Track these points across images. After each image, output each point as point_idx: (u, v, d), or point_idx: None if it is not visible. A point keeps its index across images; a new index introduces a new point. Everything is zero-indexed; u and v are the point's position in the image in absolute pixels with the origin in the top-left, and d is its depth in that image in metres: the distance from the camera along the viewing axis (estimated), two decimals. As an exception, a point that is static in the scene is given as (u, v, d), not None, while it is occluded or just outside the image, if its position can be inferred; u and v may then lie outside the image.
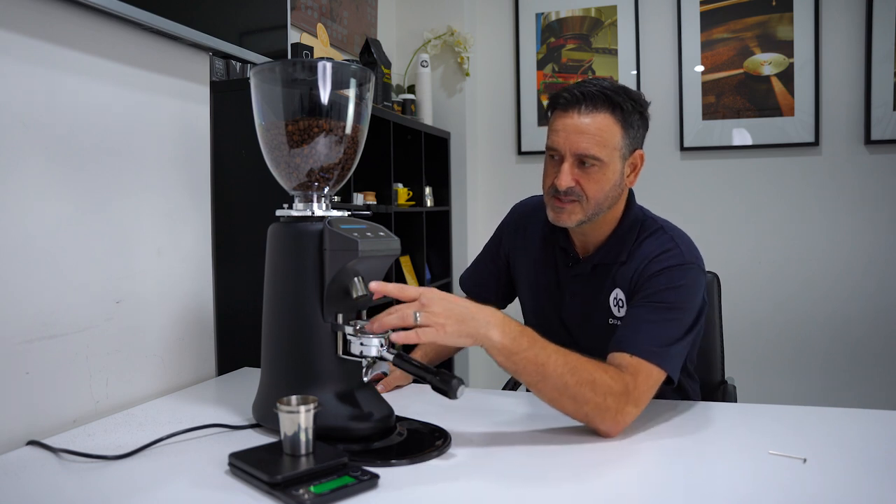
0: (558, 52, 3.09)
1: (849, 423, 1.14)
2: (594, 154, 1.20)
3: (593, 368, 1.06)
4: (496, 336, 1.01)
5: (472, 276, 1.57)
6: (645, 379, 1.10)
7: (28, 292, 1.10)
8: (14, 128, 1.08)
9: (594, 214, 1.25)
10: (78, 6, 1.18)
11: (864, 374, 2.75)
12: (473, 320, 1.00)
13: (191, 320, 1.50)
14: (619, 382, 1.07)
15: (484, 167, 3.23)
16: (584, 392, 1.03)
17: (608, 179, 1.23)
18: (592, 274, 1.32)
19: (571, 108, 1.22)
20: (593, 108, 1.21)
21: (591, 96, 1.20)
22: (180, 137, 1.48)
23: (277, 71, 1.09)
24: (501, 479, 0.93)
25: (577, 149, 1.20)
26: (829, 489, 0.86)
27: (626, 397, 1.06)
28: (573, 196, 1.23)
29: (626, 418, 1.07)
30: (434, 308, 0.98)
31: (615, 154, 1.22)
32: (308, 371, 1.04)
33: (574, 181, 1.21)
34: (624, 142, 1.23)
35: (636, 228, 1.30)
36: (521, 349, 1.02)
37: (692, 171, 2.92)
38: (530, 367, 1.02)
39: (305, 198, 1.09)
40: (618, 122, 1.22)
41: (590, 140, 1.20)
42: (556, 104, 1.25)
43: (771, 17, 2.80)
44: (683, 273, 1.21)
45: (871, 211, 2.73)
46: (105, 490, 0.87)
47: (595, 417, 1.05)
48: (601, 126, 1.20)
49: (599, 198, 1.23)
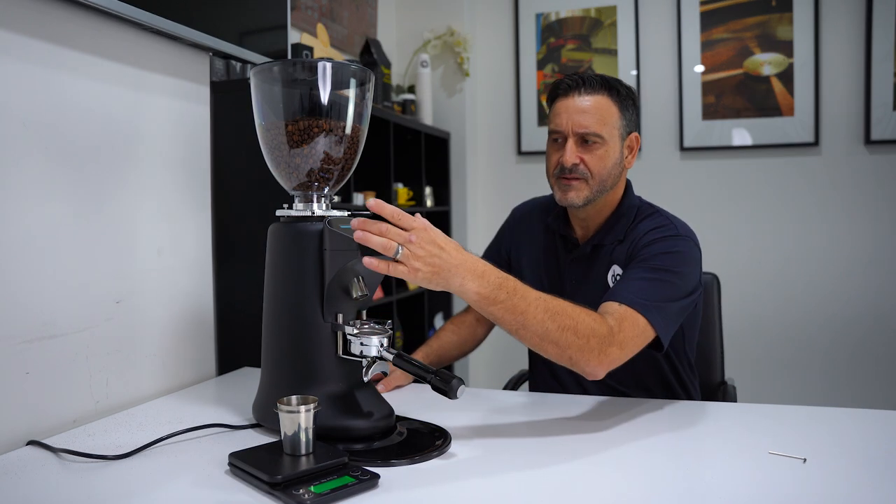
0: (558, 52, 3.09)
1: (849, 423, 1.14)
2: (596, 131, 1.28)
3: (576, 313, 1.06)
4: (472, 288, 0.99)
5: None
6: (631, 325, 1.12)
7: (28, 292, 1.10)
8: (14, 128, 1.08)
9: (599, 192, 1.32)
10: (78, 6, 1.18)
11: (864, 374, 2.75)
12: (449, 272, 0.97)
13: (191, 320, 1.50)
14: (603, 325, 1.08)
15: (484, 167, 3.23)
16: (566, 336, 1.04)
17: (610, 156, 1.31)
18: (591, 256, 1.37)
19: (571, 91, 1.31)
20: (592, 90, 1.30)
21: (589, 80, 1.31)
22: (180, 137, 1.48)
23: (277, 71, 1.09)
24: (501, 478, 0.93)
25: (580, 127, 1.29)
26: (829, 489, 0.86)
27: (610, 338, 1.08)
28: (578, 174, 1.30)
29: (611, 359, 1.08)
30: (417, 251, 0.95)
31: (614, 133, 1.31)
32: (308, 371, 1.04)
33: (578, 158, 1.29)
34: (621, 122, 1.32)
35: (633, 211, 1.37)
36: (500, 300, 1.01)
37: (692, 171, 2.92)
38: (509, 316, 1.02)
39: (305, 198, 1.09)
40: (615, 104, 1.31)
41: (591, 118, 1.29)
42: (556, 92, 1.34)
43: (771, 17, 2.80)
44: (676, 242, 1.28)
45: (871, 211, 2.73)
46: (105, 490, 0.87)
47: (579, 360, 1.06)
48: (600, 106, 1.30)
49: (603, 174, 1.31)
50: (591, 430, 1.10)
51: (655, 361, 1.36)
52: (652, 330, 1.15)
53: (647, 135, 2.97)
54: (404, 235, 0.95)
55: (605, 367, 1.09)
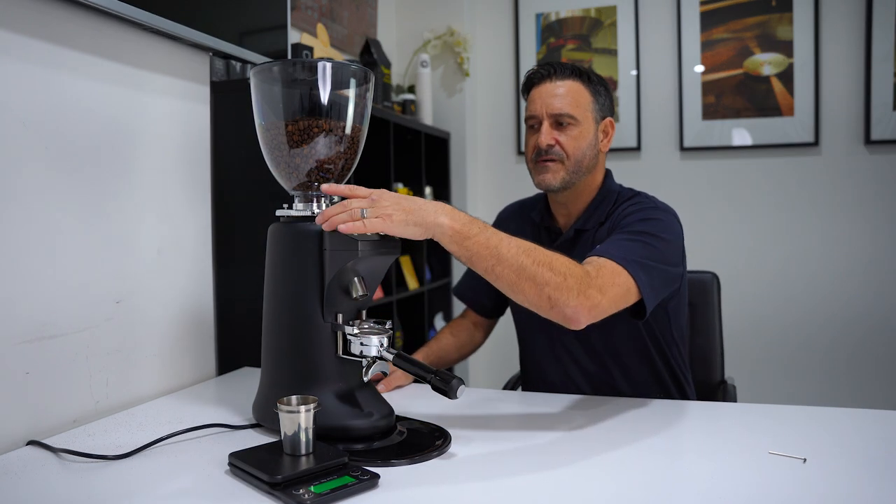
0: (558, 52, 3.09)
1: (849, 423, 1.14)
2: (569, 112, 1.33)
3: (551, 253, 1.06)
4: (446, 222, 0.99)
5: (466, 282, 1.60)
6: (610, 273, 1.10)
7: (28, 292, 1.10)
8: (14, 128, 1.08)
9: (575, 174, 1.35)
10: (78, 6, 1.18)
11: (865, 374, 2.74)
12: (421, 210, 0.98)
13: (191, 320, 1.50)
14: (580, 268, 1.07)
15: (484, 167, 3.23)
16: (542, 272, 1.02)
17: (584, 137, 1.34)
18: (575, 240, 1.39)
19: (544, 79, 1.36)
20: (563, 76, 1.36)
21: (560, 67, 1.36)
22: (180, 137, 1.48)
23: (277, 71, 1.09)
24: (501, 479, 0.92)
25: (553, 109, 1.33)
26: (829, 489, 0.86)
27: (588, 280, 1.06)
28: (554, 155, 1.34)
29: (592, 302, 1.04)
30: (382, 203, 0.97)
31: (588, 115, 1.35)
32: (308, 371, 1.04)
33: (553, 140, 1.33)
34: (594, 105, 1.37)
35: (613, 196, 1.40)
36: (473, 234, 1.01)
37: (692, 171, 2.92)
38: (483, 251, 1.01)
39: (305, 198, 1.09)
40: (586, 88, 1.36)
41: (563, 100, 1.34)
42: (531, 81, 1.39)
43: (771, 17, 2.80)
44: (657, 213, 1.30)
45: (871, 211, 2.73)
46: (105, 490, 0.87)
47: (558, 299, 1.02)
48: (572, 89, 1.35)
49: (578, 154, 1.34)
50: (590, 430, 1.10)
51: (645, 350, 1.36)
52: (634, 285, 1.13)
53: (648, 135, 2.97)
54: (364, 201, 0.98)
55: (587, 310, 1.04)
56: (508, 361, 2.76)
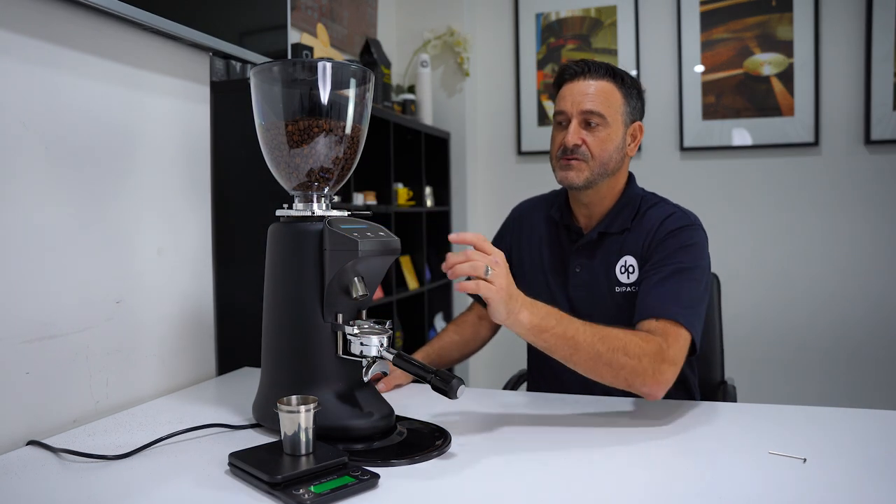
0: (558, 52, 3.09)
1: (849, 423, 1.14)
2: (598, 111, 1.31)
3: (623, 335, 1.11)
4: (526, 318, 1.05)
5: None
6: (675, 339, 1.16)
7: (28, 292, 1.10)
8: (14, 128, 1.08)
9: (600, 175, 1.33)
10: (78, 6, 1.18)
11: (865, 374, 2.74)
12: (514, 299, 1.04)
13: (191, 320, 1.50)
14: (652, 343, 1.12)
15: (484, 167, 3.23)
16: (618, 357, 1.08)
17: (611, 139, 1.33)
18: (599, 243, 1.38)
19: (577, 76, 1.34)
20: (597, 75, 1.33)
21: (595, 66, 1.34)
22: (180, 137, 1.48)
23: (277, 71, 1.09)
24: (501, 478, 0.93)
25: (583, 107, 1.31)
26: (829, 489, 0.86)
27: (661, 356, 1.11)
28: (579, 155, 1.32)
29: (665, 377, 1.12)
30: (499, 270, 1.02)
31: (617, 117, 1.33)
32: (308, 371, 1.04)
33: (580, 140, 1.31)
34: (625, 108, 1.35)
35: (637, 201, 1.39)
36: (550, 327, 1.07)
37: (692, 171, 2.92)
38: (560, 342, 1.07)
39: (305, 198, 1.09)
40: (619, 90, 1.34)
41: (594, 99, 1.31)
42: (563, 77, 1.37)
43: (771, 17, 2.80)
44: (692, 233, 1.31)
45: (871, 211, 2.73)
46: (105, 490, 0.87)
47: (634, 381, 1.10)
48: (604, 89, 1.32)
49: (604, 157, 1.32)
50: (590, 429, 1.10)
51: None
52: (689, 335, 1.19)
53: (648, 135, 2.97)
54: (489, 258, 1.02)
55: (662, 386, 1.12)
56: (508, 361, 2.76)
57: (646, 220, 1.35)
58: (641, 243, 1.33)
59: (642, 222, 1.35)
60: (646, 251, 1.32)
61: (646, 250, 1.32)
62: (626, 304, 1.32)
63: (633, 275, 1.33)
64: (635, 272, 1.33)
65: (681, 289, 1.22)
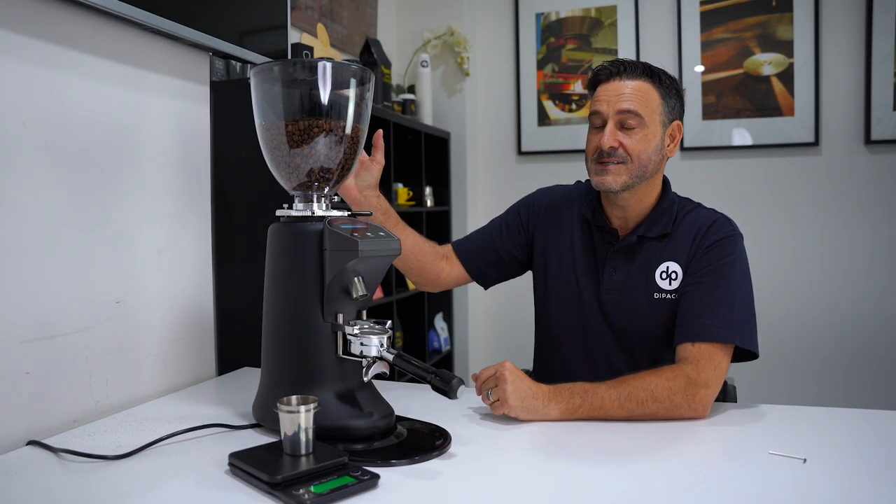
0: (558, 52, 3.09)
1: (849, 423, 1.14)
2: (636, 110, 1.27)
3: (647, 383, 1.13)
4: (555, 412, 1.13)
5: (472, 244, 1.50)
6: (707, 361, 1.17)
7: (28, 292, 1.10)
8: (14, 128, 1.08)
9: (638, 178, 1.29)
10: (78, 6, 1.18)
11: (865, 374, 2.74)
12: (534, 399, 1.12)
13: (191, 320, 1.50)
14: (678, 379, 1.14)
15: (484, 167, 3.23)
16: (650, 407, 1.13)
17: (650, 140, 1.28)
18: (637, 247, 1.34)
19: (613, 77, 1.30)
20: (633, 75, 1.29)
21: (632, 65, 1.30)
22: (180, 137, 1.48)
23: (277, 71, 1.09)
24: (501, 478, 0.93)
25: (619, 107, 1.27)
26: (829, 489, 0.86)
27: (693, 386, 1.14)
28: (617, 157, 1.27)
29: (702, 401, 1.14)
30: (504, 387, 1.11)
31: (655, 117, 1.29)
32: (308, 371, 1.04)
33: (617, 142, 1.27)
34: (663, 108, 1.30)
35: (675, 206, 1.36)
36: (578, 407, 1.13)
37: (692, 171, 2.92)
38: (591, 415, 1.13)
39: (305, 198, 1.09)
40: (656, 90, 1.30)
41: (630, 99, 1.27)
42: (598, 77, 1.33)
43: (771, 17, 2.80)
44: (735, 243, 1.30)
45: (871, 211, 2.73)
46: (105, 490, 0.87)
47: (672, 416, 1.13)
48: (641, 89, 1.28)
49: (643, 158, 1.28)
50: (590, 429, 1.10)
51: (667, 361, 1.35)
52: (729, 347, 1.20)
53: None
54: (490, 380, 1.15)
55: (701, 409, 1.14)
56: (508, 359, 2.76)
57: (686, 225, 1.32)
58: (686, 250, 1.30)
59: (683, 228, 1.32)
60: (690, 258, 1.30)
61: (690, 258, 1.30)
62: (663, 310, 1.30)
63: (675, 281, 1.30)
64: (678, 279, 1.30)
65: (720, 305, 1.22)
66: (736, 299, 1.23)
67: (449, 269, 1.49)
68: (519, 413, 1.12)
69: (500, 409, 1.12)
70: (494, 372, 1.14)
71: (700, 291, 1.25)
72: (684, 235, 1.32)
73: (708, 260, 1.28)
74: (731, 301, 1.23)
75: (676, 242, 1.32)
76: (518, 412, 1.11)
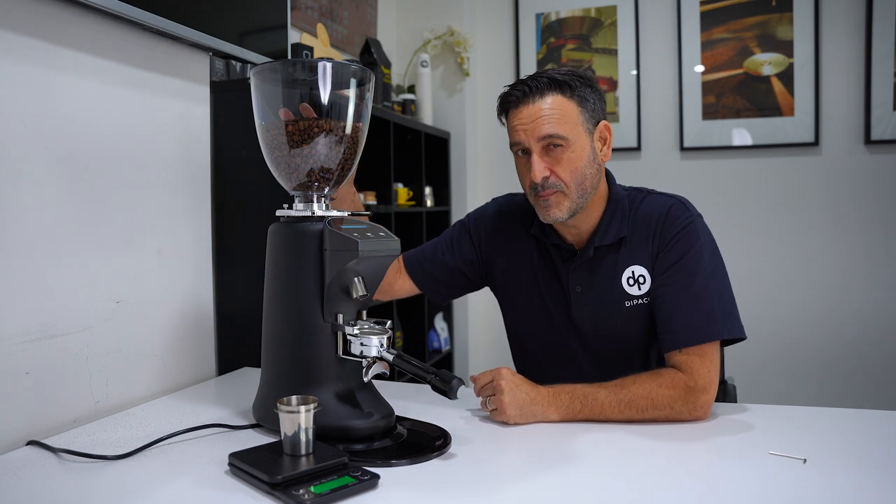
0: (558, 52, 3.09)
1: (849, 423, 1.14)
2: (557, 132, 1.19)
3: (646, 390, 1.13)
4: (555, 415, 1.13)
5: (423, 260, 1.45)
6: (699, 366, 1.16)
7: (28, 292, 1.10)
8: (14, 128, 1.08)
9: (581, 199, 1.23)
10: (78, 6, 1.18)
11: (864, 374, 2.74)
12: (532, 406, 1.12)
13: (191, 320, 1.50)
14: (677, 387, 1.13)
15: (484, 167, 3.23)
16: (651, 414, 1.13)
17: (580, 158, 1.21)
18: (596, 260, 1.29)
19: (522, 101, 1.21)
20: (541, 94, 1.20)
21: (536, 85, 1.20)
22: (180, 137, 1.48)
23: (278, 71, 1.09)
24: (501, 479, 0.93)
25: (539, 133, 1.19)
26: (829, 489, 0.86)
27: (692, 393, 1.14)
28: (553, 188, 1.21)
29: (705, 406, 1.14)
30: (501, 397, 1.12)
31: (578, 130, 1.21)
32: (308, 371, 1.04)
33: (547, 170, 1.20)
34: (583, 117, 1.22)
35: (624, 202, 1.29)
36: (578, 411, 1.13)
37: (692, 171, 2.92)
38: (592, 418, 1.13)
39: (305, 198, 1.09)
40: (570, 100, 1.21)
41: (548, 121, 1.19)
42: (506, 105, 1.25)
43: (771, 17, 2.80)
44: (696, 230, 1.24)
45: (871, 211, 2.73)
46: (105, 490, 0.87)
47: (675, 420, 1.13)
48: (555, 106, 1.19)
49: (578, 179, 1.21)
50: (590, 429, 1.10)
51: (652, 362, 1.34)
52: (716, 342, 1.19)
53: (648, 135, 2.97)
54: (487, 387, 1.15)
55: (702, 413, 1.14)
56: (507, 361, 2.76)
57: (641, 221, 1.27)
58: (648, 249, 1.25)
59: (638, 225, 1.27)
60: (654, 257, 1.25)
61: (654, 256, 1.25)
62: (637, 316, 1.26)
63: (644, 285, 1.25)
64: (646, 282, 1.25)
65: (696, 303, 1.19)
66: (712, 290, 1.20)
67: (401, 283, 1.45)
68: (518, 420, 1.12)
69: (499, 417, 1.12)
70: (491, 380, 1.14)
71: (674, 292, 1.21)
72: (642, 233, 1.26)
73: (673, 255, 1.23)
74: (708, 294, 1.19)
75: (635, 243, 1.26)
76: (517, 420, 1.12)
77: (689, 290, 1.21)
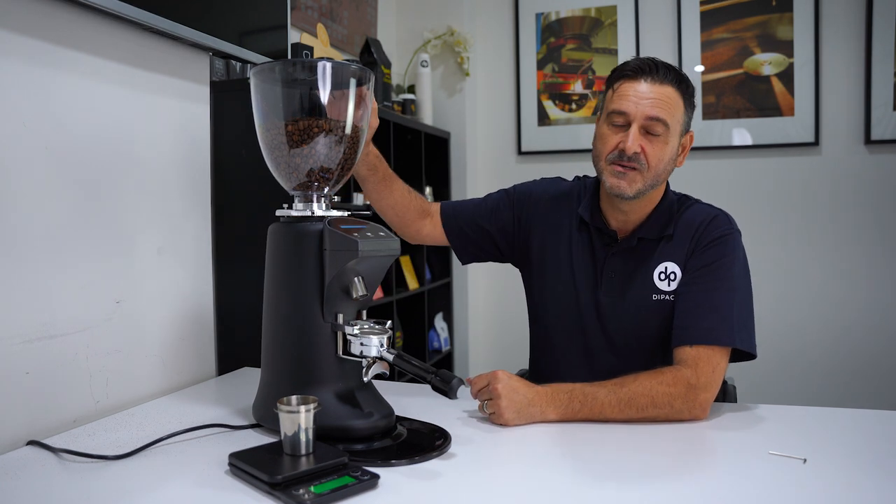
0: (558, 52, 3.09)
1: (849, 423, 1.14)
2: (664, 118, 1.22)
3: (646, 388, 1.12)
4: (553, 415, 1.13)
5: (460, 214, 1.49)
6: (706, 364, 1.16)
7: (28, 292, 1.10)
8: (14, 128, 1.08)
9: (651, 186, 1.26)
10: (78, 6, 1.18)
11: (864, 375, 2.74)
12: (530, 407, 1.12)
13: (191, 320, 1.50)
14: (678, 384, 1.13)
15: (484, 167, 3.23)
16: (650, 412, 1.12)
17: (669, 150, 1.26)
18: (636, 250, 1.32)
19: (642, 75, 1.25)
20: (663, 78, 1.24)
21: (664, 68, 1.25)
22: (180, 137, 1.48)
23: (277, 71, 1.09)
24: (501, 479, 0.93)
25: (650, 112, 1.22)
26: (829, 489, 0.86)
27: (693, 390, 1.13)
28: (636, 164, 1.24)
29: (704, 404, 1.14)
30: (498, 401, 1.11)
31: (676, 128, 1.26)
32: (308, 371, 1.04)
33: (640, 147, 1.23)
34: (684, 118, 1.28)
35: (674, 205, 1.34)
36: (577, 411, 1.13)
37: (692, 171, 2.92)
38: (591, 418, 1.13)
39: (305, 198, 1.09)
40: (682, 98, 1.26)
41: (660, 105, 1.23)
42: (623, 72, 1.28)
43: (771, 17, 2.80)
44: (733, 241, 1.28)
45: (871, 211, 2.73)
46: (105, 490, 0.87)
47: (674, 419, 1.13)
48: (669, 96, 1.24)
49: (659, 168, 1.25)
50: (590, 429, 1.10)
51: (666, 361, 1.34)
52: (727, 349, 1.19)
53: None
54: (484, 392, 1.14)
55: (701, 412, 1.14)
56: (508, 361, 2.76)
57: (684, 224, 1.31)
58: (685, 249, 1.29)
59: (681, 227, 1.31)
60: (688, 257, 1.28)
61: (688, 256, 1.28)
62: (662, 311, 1.29)
63: (673, 282, 1.28)
64: (676, 279, 1.28)
65: (718, 307, 1.21)
66: (734, 300, 1.22)
67: (430, 228, 1.48)
68: (516, 423, 1.12)
69: (497, 420, 1.12)
70: (487, 384, 1.14)
71: (698, 292, 1.24)
72: (683, 234, 1.30)
73: (706, 258, 1.27)
74: (730, 302, 1.22)
75: (675, 243, 1.30)
76: (515, 423, 1.11)
77: (713, 294, 1.23)
